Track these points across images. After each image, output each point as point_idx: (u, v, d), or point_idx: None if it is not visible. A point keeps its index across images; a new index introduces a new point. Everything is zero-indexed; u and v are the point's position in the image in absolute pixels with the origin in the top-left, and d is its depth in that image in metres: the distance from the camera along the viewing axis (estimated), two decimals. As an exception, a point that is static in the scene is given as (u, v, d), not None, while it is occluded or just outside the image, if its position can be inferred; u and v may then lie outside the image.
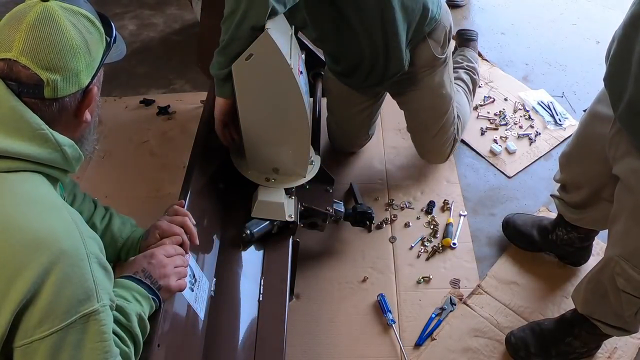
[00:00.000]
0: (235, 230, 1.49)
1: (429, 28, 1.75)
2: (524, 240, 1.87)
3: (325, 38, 1.81)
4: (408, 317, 1.74)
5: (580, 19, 2.87)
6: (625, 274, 1.31)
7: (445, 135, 2.01)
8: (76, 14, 0.95)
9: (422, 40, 1.78)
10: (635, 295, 1.33)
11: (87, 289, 0.87)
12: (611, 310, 1.40)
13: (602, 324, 1.45)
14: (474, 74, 2.29)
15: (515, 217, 1.91)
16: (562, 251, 1.81)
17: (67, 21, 0.93)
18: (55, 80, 0.91)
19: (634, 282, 1.30)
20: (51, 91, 0.91)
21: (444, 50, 1.83)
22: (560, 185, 1.65)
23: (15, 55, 0.89)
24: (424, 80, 1.87)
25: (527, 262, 1.86)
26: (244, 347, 1.31)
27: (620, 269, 1.32)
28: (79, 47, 0.93)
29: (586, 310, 1.48)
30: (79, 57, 0.93)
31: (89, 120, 1.01)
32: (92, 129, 1.05)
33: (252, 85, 1.40)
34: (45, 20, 0.91)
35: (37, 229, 0.86)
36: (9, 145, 0.88)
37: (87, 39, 0.95)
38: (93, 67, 0.97)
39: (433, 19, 1.75)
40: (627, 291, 1.33)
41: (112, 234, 1.26)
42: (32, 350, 0.84)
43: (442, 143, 2.02)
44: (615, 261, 1.32)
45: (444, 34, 1.81)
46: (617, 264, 1.32)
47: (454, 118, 2.01)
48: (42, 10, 0.92)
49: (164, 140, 2.31)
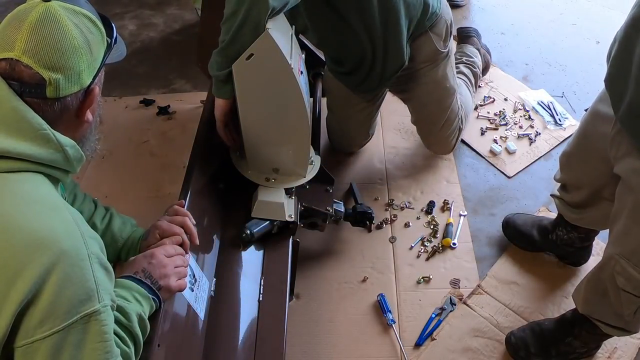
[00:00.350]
0: (235, 230, 1.49)
1: (430, 22, 1.78)
2: (524, 240, 1.87)
3: (327, 42, 1.83)
4: (408, 317, 1.74)
5: (580, 19, 2.87)
6: (626, 272, 1.31)
7: (451, 127, 2.04)
8: (77, 14, 0.95)
9: (424, 34, 1.80)
10: (635, 294, 1.33)
11: (88, 289, 0.87)
12: (611, 310, 1.40)
13: (602, 324, 1.45)
14: (474, 67, 2.31)
15: (515, 217, 1.91)
16: (562, 251, 1.81)
17: (68, 21, 0.93)
18: (57, 79, 0.91)
19: (634, 281, 1.30)
20: (53, 90, 0.91)
21: (445, 44, 1.86)
22: (561, 185, 1.65)
23: (18, 54, 0.90)
24: (428, 75, 1.88)
25: (527, 262, 1.86)
26: (244, 347, 1.31)
27: (621, 268, 1.32)
28: (81, 47, 0.94)
29: (586, 310, 1.48)
30: (80, 56, 0.94)
31: (91, 121, 1.01)
32: (93, 129, 1.05)
33: (252, 85, 1.40)
34: (47, 20, 0.91)
35: (38, 229, 0.86)
36: (10, 146, 0.88)
37: (88, 39, 0.95)
38: (94, 67, 0.97)
39: (434, 14, 1.77)
40: (627, 290, 1.33)
41: (112, 233, 1.26)
42: (33, 350, 0.84)
43: (448, 135, 2.06)
44: (616, 260, 1.32)
45: (445, 27, 1.83)
46: (617, 263, 1.32)
47: (458, 109, 2.03)
48: (44, 11, 0.92)
49: (164, 140, 2.31)
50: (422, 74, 1.88)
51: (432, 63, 1.86)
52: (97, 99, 1.01)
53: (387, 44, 1.72)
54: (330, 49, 1.87)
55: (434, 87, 1.93)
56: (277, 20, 1.38)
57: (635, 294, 1.33)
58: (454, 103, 2.00)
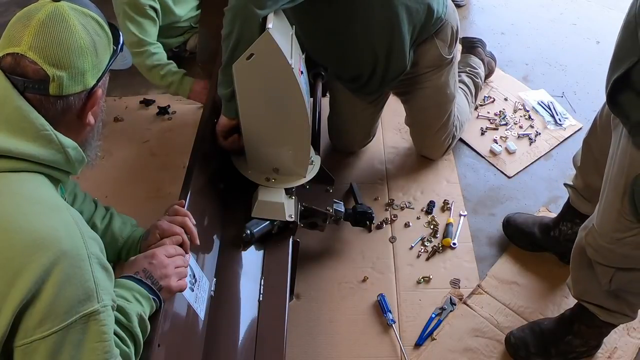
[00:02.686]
0: (235, 230, 1.49)
1: (435, 28, 1.76)
2: (524, 238, 1.87)
3: (322, 56, 1.83)
4: (408, 317, 1.74)
5: (580, 19, 2.87)
6: (595, 243, 1.33)
7: (446, 132, 2.05)
8: (86, 15, 0.97)
9: (429, 40, 1.79)
10: (604, 264, 1.35)
11: (88, 290, 0.87)
12: (598, 286, 1.41)
13: (596, 307, 1.46)
14: (476, 78, 2.31)
15: (516, 215, 1.91)
16: (563, 248, 1.78)
17: (76, 21, 0.94)
18: (61, 77, 0.92)
19: (602, 250, 1.33)
20: (56, 88, 0.92)
21: (450, 50, 1.85)
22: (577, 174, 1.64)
23: (24, 50, 0.91)
24: (430, 80, 1.88)
25: (527, 262, 1.86)
26: (244, 347, 1.31)
27: (592, 239, 1.34)
28: (87, 47, 0.95)
29: (578, 291, 1.49)
30: (86, 56, 0.94)
31: (92, 124, 1.01)
32: (95, 134, 1.05)
33: (252, 85, 1.40)
34: (55, 19, 0.93)
35: (38, 229, 0.86)
36: (12, 145, 0.89)
37: (95, 40, 0.96)
38: (99, 69, 0.98)
39: (439, 19, 1.75)
40: (598, 261, 1.36)
41: (112, 233, 1.26)
42: (32, 349, 0.84)
43: (441, 140, 2.08)
44: (589, 230, 1.35)
45: (451, 33, 1.82)
46: (590, 233, 1.35)
47: (454, 116, 2.04)
48: (53, 10, 0.93)
49: (164, 140, 2.31)
50: (424, 79, 1.88)
51: (436, 68, 1.86)
52: (101, 103, 1.02)
53: (389, 51, 1.72)
54: (328, 63, 1.88)
55: (434, 92, 1.92)
56: (278, 20, 1.39)
57: (605, 264, 1.35)
58: (452, 110, 2.01)
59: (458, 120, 2.10)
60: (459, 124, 2.11)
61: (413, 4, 1.66)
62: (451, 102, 1.98)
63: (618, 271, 1.34)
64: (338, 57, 1.81)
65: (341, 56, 1.79)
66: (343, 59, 1.81)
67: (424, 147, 2.14)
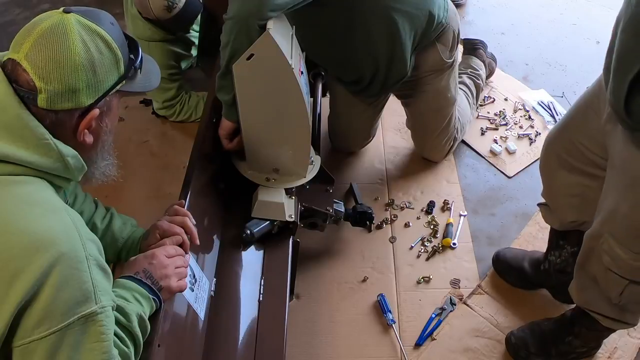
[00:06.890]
0: (235, 230, 1.49)
1: (436, 33, 1.76)
2: (514, 274, 1.79)
3: (323, 60, 1.84)
4: (408, 317, 1.74)
5: (580, 19, 2.87)
6: (612, 251, 1.29)
7: (447, 135, 2.06)
8: (92, 32, 0.94)
9: (431, 45, 1.79)
10: (619, 274, 1.31)
11: (86, 291, 0.87)
12: (603, 296, 1.39)
13: (599, 315, 1.45)
14: (477, 79, 2.30)
15: (505, 250, 1.85)
16: (556, 281, 1.70)
17: (77, 37, 0.92)
18: (49, 90, 0.91)
19: (619, 260, 1.29)
20: (44, 101, 0.91)
21: (452, 54, 1.85)
22: None
23: (20, 57, 0.91)
24: (431, 83, 1.88)
25: (527, 262, 1.86)
26: (244, 347, 1.31)
27: (608, 247, 1.30)
28: (81, 65, 0.92)
29: (582, 300, 1.47)
30: (78, 74, 0.92)
31: (89, 142, 0.99)
32: (99, 154, 1.04)
33: (252, 85, 1.40)
34: (56, 31, 0.91)
35: (37, 231, 0.86)
36: (12, 152, 0.89)
37: (94, 59, 0.93)
38: (98, 89, 0.95)
39: (440, 24, 1.75)
40: (613, 269, 1.31)
41: (112, 234, 1.26)
42: (31, 350, 0.85)
43: (442, 143, 2.08)
44: (605, 238, 1.31)
45: (452, 37, 1.82)
46: (606, 241, 1.30)
47: (455, 119, 2.05)
48: (58, 21, 0.92)
49: (164, 140, 2.31)
50: (425, 82, 1.88)
51: (437, 72, 1.86)
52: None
53: (390, 58, 1.72)
54: (328, 67, 1.88)
55: (435, 96, 1.93)
56: (278, 20, 1.39)
57: (620, 274, 1.31)
58: (453, 113, 2.01)
59: (459, 123, 2.10)
60: (460, 127, 2.12)
61: (413, 10, 1.66)
62: (452, 105, 1.99)
63: (631, 284, 1.31)
64: (338, 62, 1.81)
65: (341, 62, 1.80)
66: (343, 64, 1.81)
67: (425, 149, 2.15)
